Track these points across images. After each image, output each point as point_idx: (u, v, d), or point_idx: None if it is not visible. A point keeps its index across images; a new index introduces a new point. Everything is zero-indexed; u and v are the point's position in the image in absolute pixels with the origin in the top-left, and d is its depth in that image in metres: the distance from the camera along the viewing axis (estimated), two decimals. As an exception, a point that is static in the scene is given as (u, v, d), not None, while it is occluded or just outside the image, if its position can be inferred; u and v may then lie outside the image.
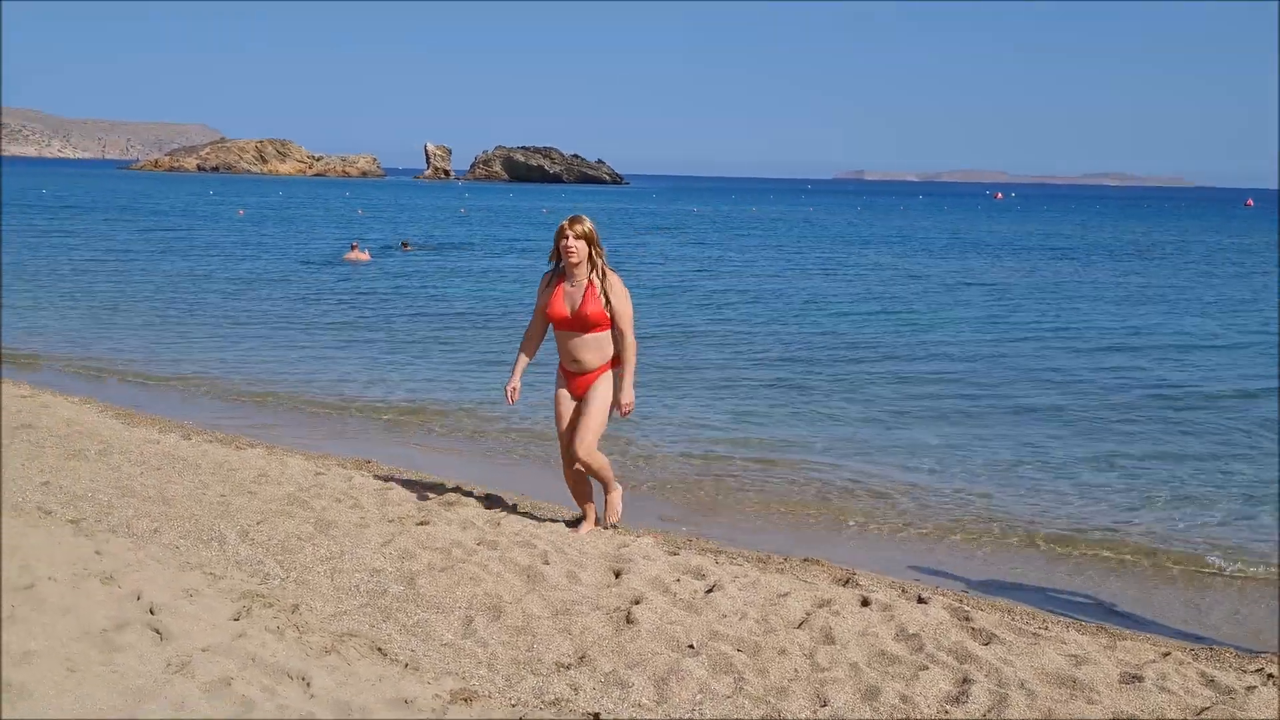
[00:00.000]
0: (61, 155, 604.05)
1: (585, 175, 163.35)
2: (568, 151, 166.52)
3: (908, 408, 11.53)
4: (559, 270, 6.30)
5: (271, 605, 4.92)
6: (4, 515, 5.90)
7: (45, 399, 9.69)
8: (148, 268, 26.21)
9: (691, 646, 4.76)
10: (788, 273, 29.18)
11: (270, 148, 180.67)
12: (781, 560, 6.38)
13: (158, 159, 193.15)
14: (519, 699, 4.22)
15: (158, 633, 4.39)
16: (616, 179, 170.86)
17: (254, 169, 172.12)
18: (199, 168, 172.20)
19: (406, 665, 4.44)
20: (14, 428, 8.27)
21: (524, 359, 6.57)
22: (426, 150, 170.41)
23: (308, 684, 4.07)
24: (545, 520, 6.82)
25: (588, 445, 6.29)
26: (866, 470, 9.00)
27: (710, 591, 5.53)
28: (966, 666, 4.68)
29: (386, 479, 7.67)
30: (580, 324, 6.18)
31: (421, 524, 6.44)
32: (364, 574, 5.47)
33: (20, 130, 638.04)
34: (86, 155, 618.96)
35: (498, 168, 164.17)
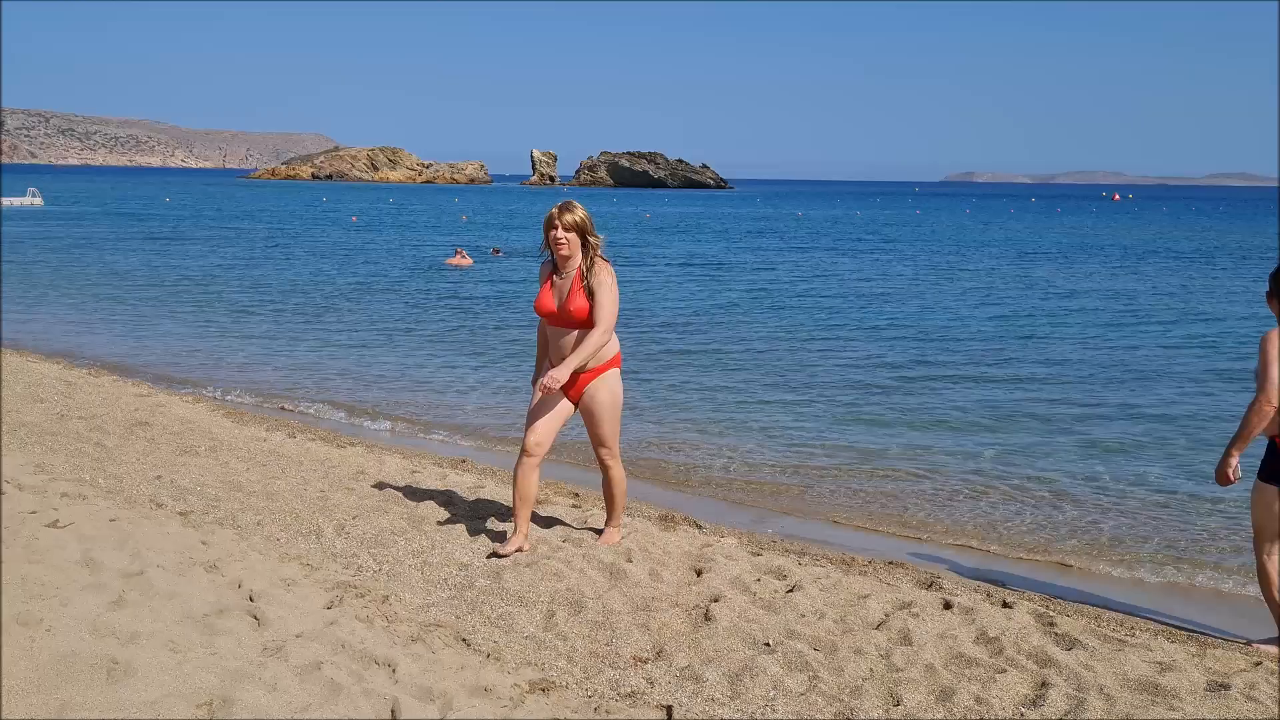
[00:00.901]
0: (185, 165, 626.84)
1: (690, 180, 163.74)
2: (672, 156, 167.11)
3: (1014, 412, 11.35)
4: (552, 261, 5.75)
5: (363, 595, 5.12)
6: (120, 508, 6.23)
7: (160, 398, 10.16)
8: (271, 273, 27.12)
9: (767, 644, 4.82)
10: (890, 276, 28.86)
11: (381, 155, 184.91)
12: (866, 563, 6.38)
13: (274, 167, 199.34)
14: (595, 691, 4.33)
15: (256, 619, 4.62)
16: (721, 183, 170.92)
17: (365, 176, 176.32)
18: (313, 175, 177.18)
19: (488, 655, 4.58)
20: (131, 425, 8.70)
21: (541, 357, 6.07)
22: (532, 156, 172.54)
23: (393, 670, 4.24)
24: (632, 519, 6.93)
25: (616, 455, 5.95)
26: (968, 477, 8.90)
27: (790, 591, 5.58)
28: (1046, 670, 4.65)
29: (480, 478, 7.87)
30: (568, 319, 5.62)
31: (510, 522, 6.60)
32: (452, 568, 5.65)
33: (146, 141, 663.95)
34: (208, 164, 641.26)
35: (603, 173, 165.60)
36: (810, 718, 4.16)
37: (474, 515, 6.68)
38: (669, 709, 4.20)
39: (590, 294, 5.55)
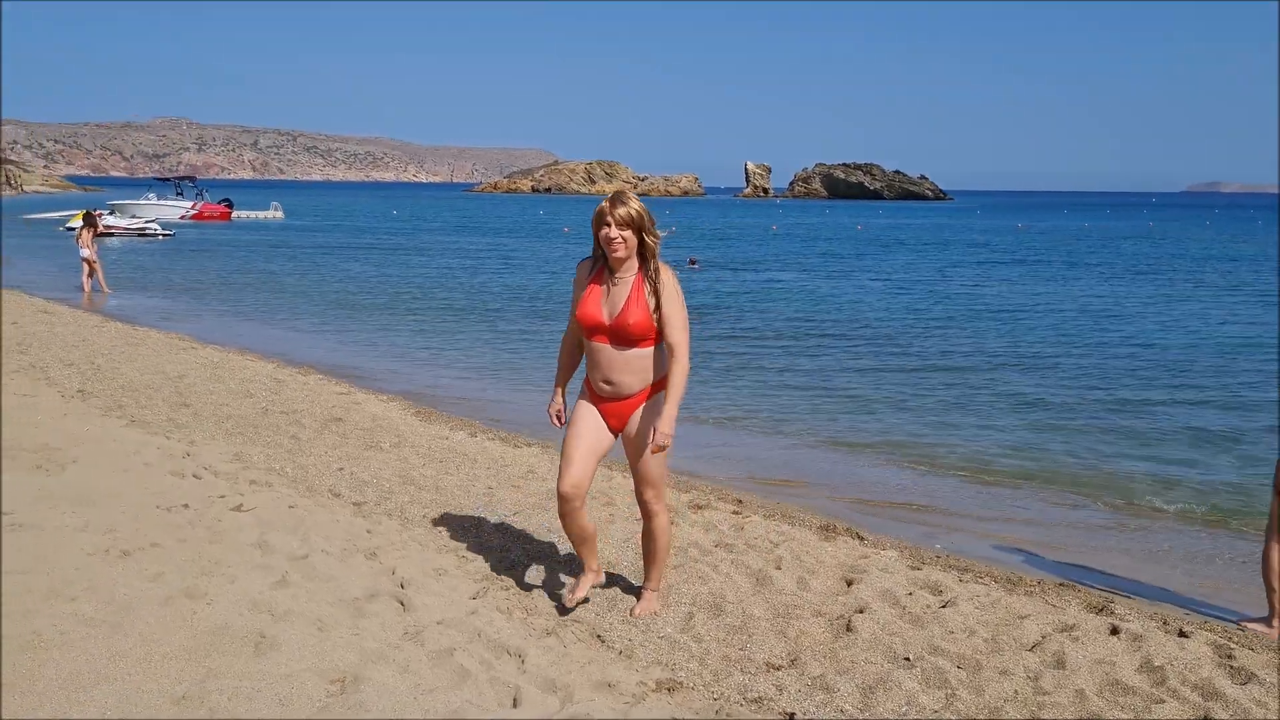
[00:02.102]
0: (415, 179, 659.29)
1: (907, 191, 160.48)
2: (889, 168, 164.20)
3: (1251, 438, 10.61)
4: (599, 261, 4.77)
5: (508, 589, 5.26)
6: (300, 496, 6.62)
7: (358, 397, 10.72)
8: (490, 280, 28.23)
9: (907, 659, 4.67)
10: (1112, 291, 27.42)
11: (599, 169, 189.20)
12: (1034, 583, 6.07)
13: (496, 181, 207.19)
14: (722, 694, 4.30)
15: (402, 604, 4.81)
16: (939, 195, 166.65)
17: (582, 190, 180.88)
18: (533, 189, 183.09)
19: (620, 652, 4.62)
20: (326, 420, 9.22)
21: (564, 373, 5.11)
22: (746, 169, 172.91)
23: (522, 660, 4.33)
24: (791, 528, 6.84)
25: (663, 497, 4.97)
26: (1178, 496, 8.40)
27: (944, 607, 5.38)
28: (1210, 704, 4.32)
29: (646, 481, 7.93)
30: (620, 336, 4.64)
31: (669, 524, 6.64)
32: (601, 564, 5.72)
33: (382, 158, 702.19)
34: (436, 179, 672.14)
35: (817, 185, 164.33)
36: (940, 736, 4.01)
37: (630, 516, 6.74)
38: (791, 715, 4.13)
39: (657, 305, 4.59)
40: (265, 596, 4.66)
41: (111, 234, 40.35)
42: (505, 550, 5.94)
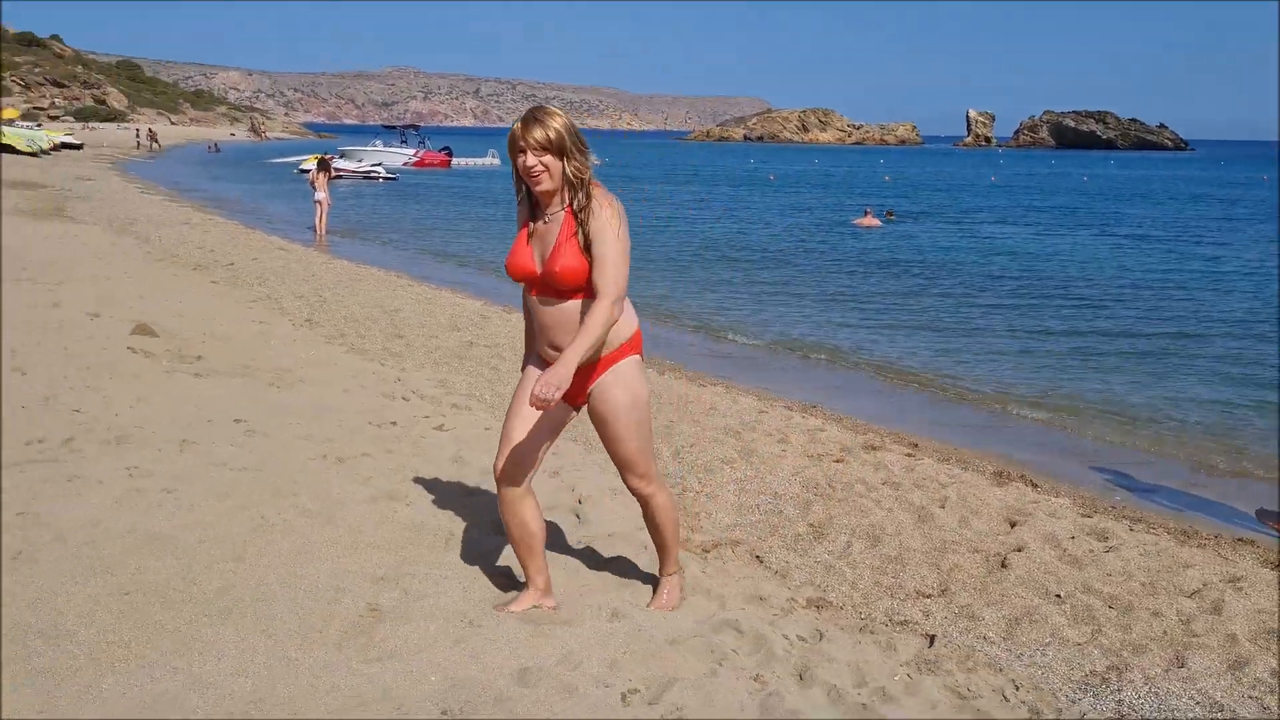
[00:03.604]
0: (630, 128, 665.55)
1: (1143, 141, 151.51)
2: (1125, 115, 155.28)
3: None
4: (528, 199, 3.88)
5: (678, 510, 5.62)
6: (494, 419, 7.17)
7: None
8: (696, 229, 28.68)
9: (1058, 596, 4.78)
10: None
11: (812, 117, 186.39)
12: (1209, 536, 6.01)
13: (709, 129, 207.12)
14: (869, 615, 4.54)
15: (577, 517, 5.26)
16: (1180, 144, 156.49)
17: (795, 138, 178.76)
18: (744, 137, 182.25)
19: (776, 572, 4.92)
20: (470, 343, 9.82)
21: (531, 344, 4.13)
22: (968, 117, 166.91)
23: (681, 570, 4.68)
24: (964, 471, 6.94)
25: (652, 477, 4.05)
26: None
27: (1106, 553, 5.42)
28: (1372, 660, 4.27)
29: (824, 423, 8.16)
30: (553, 284, 3.74)
31: (837, 461, 6.87)
32: (767, 496, 6.03)
33: (598, 105, 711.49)
34: (650, 127, 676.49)
35: (1044, 134, 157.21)
36: (1079, 665, 4.14)
37: (802, 453, 7.00)
38: (932, 637, 4.34)
39: (587, 246, 3.68)
40: (457, 502, 5.19)
41: (340, 177, 42.77)
42: (680, 477, 6.31)
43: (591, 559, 4.68)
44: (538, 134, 3.64)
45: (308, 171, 25.43)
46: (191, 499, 4.79)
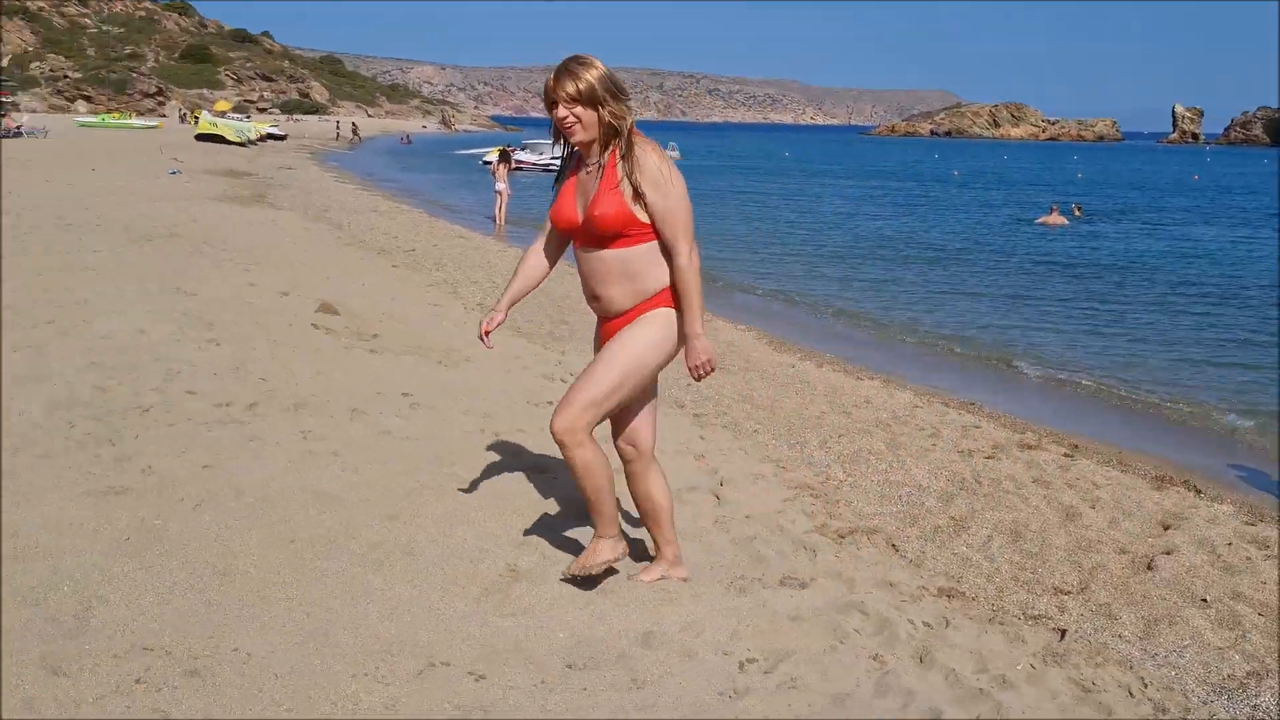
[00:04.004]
0: (813, 122, 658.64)
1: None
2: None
3: None
4: (575, 153, 3.88)
5: (817, 497, 5.71)
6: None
7: (717, 324, 11.48)
8: (872, 225, 28.39)
9: (1204, 600, 4.66)
10: None
11: (1004, 112, 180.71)
12: (1388, 552, 5.71)
13: (894, 124, 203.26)
14: (1000, 607, 4.54)
15: (717, 498, 5.41)
16: None
17: (985, 134, 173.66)
18: (931, 132, 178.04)
19: (911, 561, 4.96)
20: (685, 343, 10.02)
21: (519, 278, 4.09)
22: (1174, 112, 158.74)
23: (814, 554, 4.78)
24: (1123, 475, 6.77)
25: (569, 418, 3.80)
26: None
27: (1265, 560, 5.24)
28: None
29: (981, 420, 8.06)
30: (591, 234, 3.72)
31: (988, 458, 6.81)
32: (910, 488, 6.04)
33: (781, 99, 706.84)
34: (834, 121, 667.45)
35: (1257, 131, 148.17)
36: (1217, 669, 4.05)
37: (953, 449, 6.96)
38: (1063, 632, 4.31)
39: (635, 193, 3.64)
40: (602, 479, 5.41)
41: (521, 169, 43.88)
42: (825, 466, 6.38)
43: (725, 537, 4.82)
44: (568, 86, 3.64)
45: (491, 163, 26.24)
46: (357, 462, 5.16)
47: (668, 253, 3.71)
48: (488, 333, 4.09)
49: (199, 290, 9.51)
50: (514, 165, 29.77)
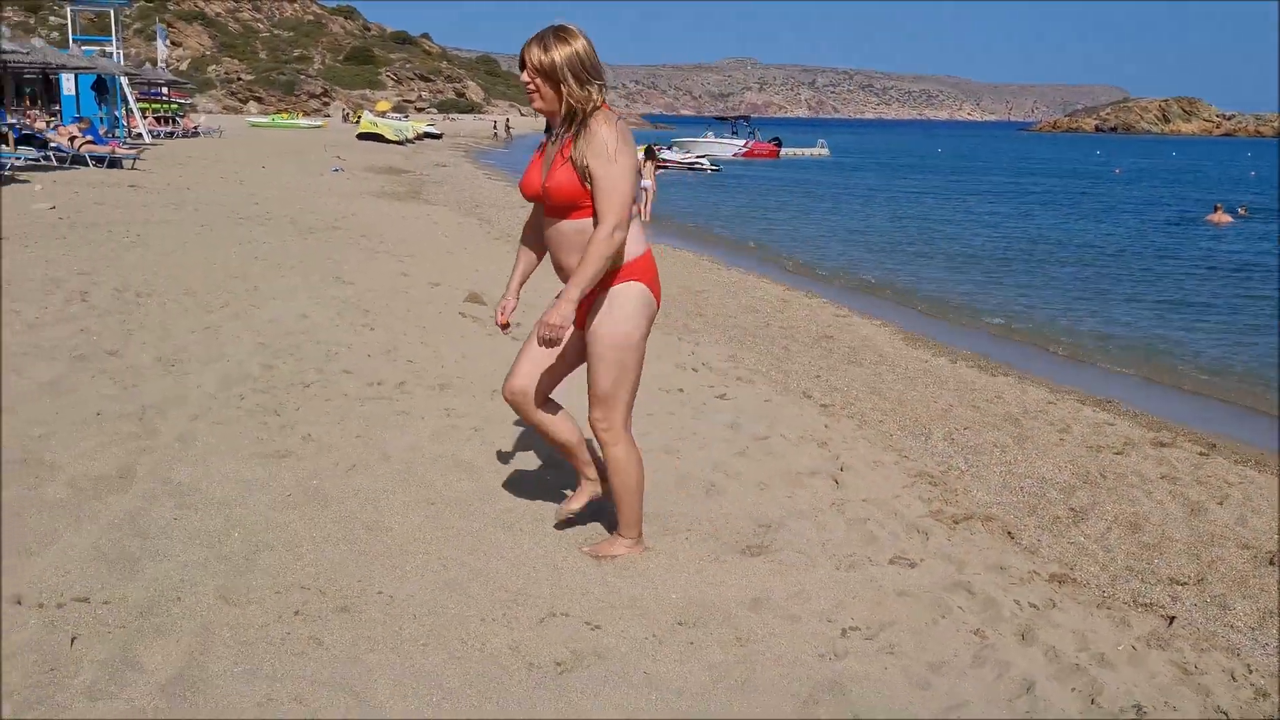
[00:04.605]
0: (970, 118, 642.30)
1: None
2: None
3: None
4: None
5: (935, 485, 5.83)
6: (776, 393, 7.59)
7: (853, 320, 11.59)
8: (1025, 225, 27.81)
9: (1328, 597, 4.64)
10: None
11: (1175, 106, 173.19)
12: None
13: (1055, 120, 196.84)
14: (1111, 595, 4.60)
15: (836, 482, 5.58)
16: None
17: (1154, 129, 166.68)
18: (1096, 128, 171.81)
19: (1025, 548, 5.05)
20: (817, 337, 10.19)
21: (520, 261, 4.25)
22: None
23: (927, 537, 4.92)
24: (1259, 474, 6.67)
25: (616, 424, 4.05)
26: None
27: (1404, 563, 5.15)
28: None
29: (1115, 418, 8.00)
30: (550, 204, 3.83)
31: (1117, 454, 6.80)
32: (1032, 480, 6.10)
33: (937, 95, 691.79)
34: (992, 117, 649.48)
35: None
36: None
37: (1081, 444, 6.96)
38: (1172, 618, 4.37)
39: (583, 170, 3.70)
40: (725, 460, 5.67)
41: (666, 167, 44.34)
42: (947, 457, 6.48)
43: (840, 518, 5.00)
44: (534, 55, 3.70)
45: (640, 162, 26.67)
46: (494, 437, 5.54)
47: (595, 222, 3.72)
48: (505, 324, 4.24)
49: (356, 280, 10.13)
50: (659, 163, 30.18)
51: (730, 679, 3.32)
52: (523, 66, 3.75)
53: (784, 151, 67.06)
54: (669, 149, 50.69)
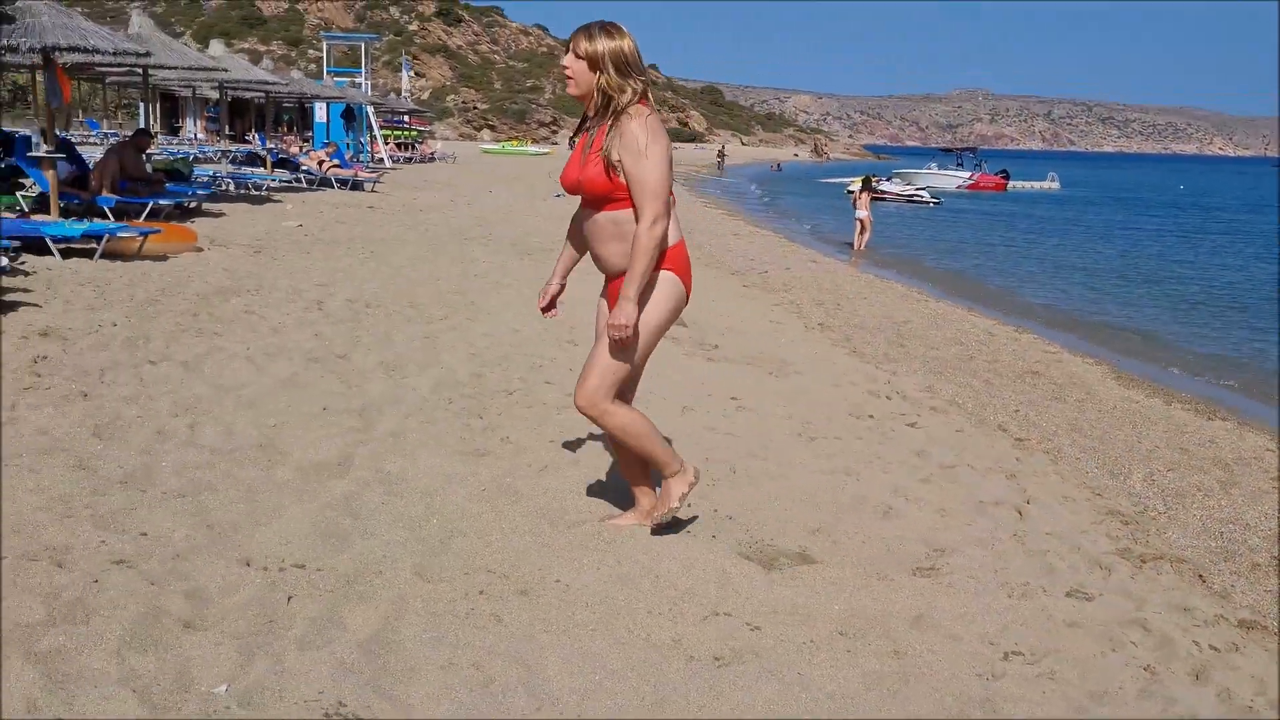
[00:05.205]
0: (1221, 153, 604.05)
1: None
2: None
3: None
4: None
5: (1127, 524, 5.69)
6: (970, 425, 7.54)
7: (1063, 356, 11.27)
8: (1259, 266, 26.21)
9: None
10: None
11: None
12: None
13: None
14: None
15: (1019, 513, 5.52)
16: None
17: None
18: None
19: (1216, 591, 4.87)
20: (1022, 372, 9.98)
21: (566, 249, 4.47)
22: None
23: (1109, 573, 4.84)
24: None
25: (588, 391, 4.07)
26: None
27: None
28: None
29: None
30: (584, 196, 4.04)
31: (1336, 504, 6.44)
32: (1236, 526, 5.85)
33: (1184, 129, 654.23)
34: (1247, 153, 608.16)
35: None
36: None
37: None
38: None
39: (611, 164, 3.87)
40: (906, 485, 5.72)
41: (884, 199, 43.76)
42: (1144, 497, 6.30)
43: (1019, 548, 4.97)
44: (582, 44, 3.88)
45: (853, 192, 26.61)
46: (679, 448, 5.63)
47: (635, 217, 3.88)
48: (545, 308, 4.48)
49: (565, 298, 10.61)
50: (877, 195, 29.92)
51: (882, 687, 3.43)
52: (565, 50, 3.97)
53: (1012, 184, 65.03)
54: (888, 180, 49.99)
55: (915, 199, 47.13)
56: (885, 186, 46.20)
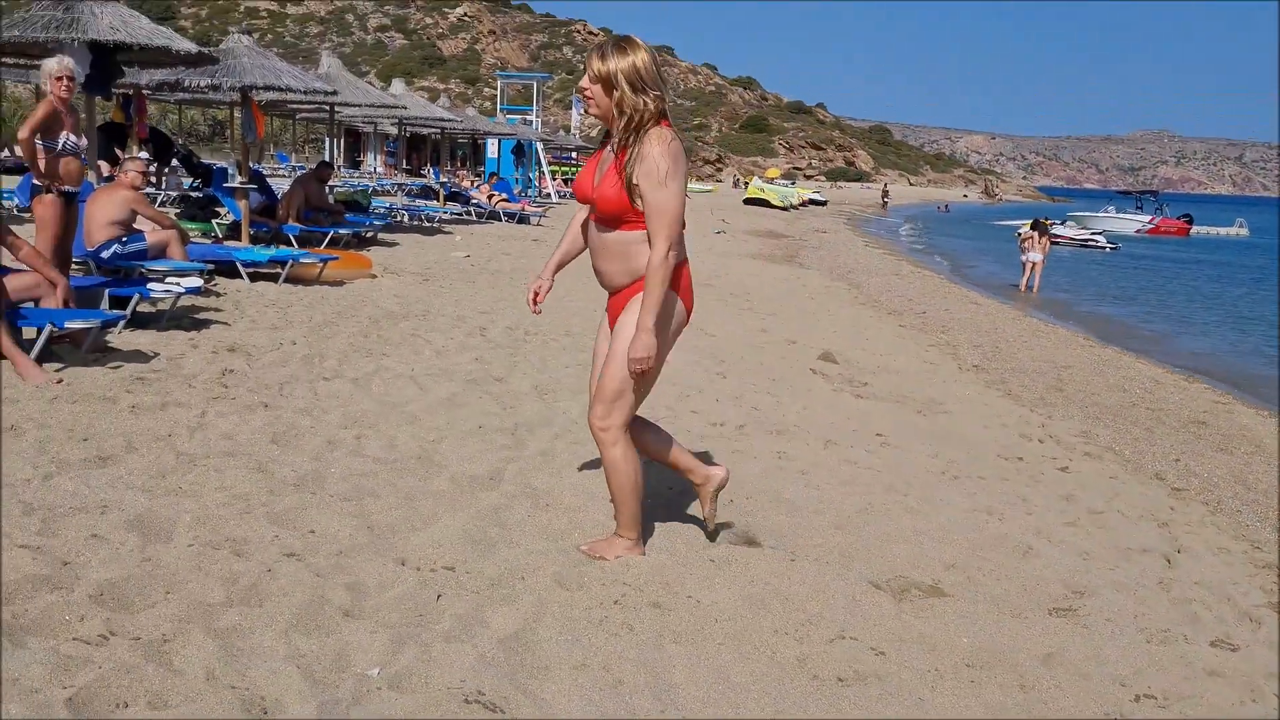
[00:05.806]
0: None
1: None
2: None
3: None
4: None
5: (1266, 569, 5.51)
6: (1124, 471, 7.37)
7: (1235, 407, 10.87)
8: None
9: None
10: None
11: None
12: None
13: None
14: None
15: (1168, 561, 5.43)
16: None
17: None
18: None
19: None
20: (1187, 420, 9.68)
21: (564, 243, 4.40)
22: None
23: (1258, 626, 4.71)
24: None
25: (612, 425, 4.09)
26: None
27: None
28: None
29: None
30: (598, 212, 4.01)
31: None
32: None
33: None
34: None
35: None
36: None
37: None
38: None
39: (629, 187, 3.84)
40: (1049, 528, 5.65)
41: (1058, 242, 42.44)
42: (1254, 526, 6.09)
43: (1165, 596, 4.88)
44: (595, 64, 3.84)
45: (1021, 234, 26.02)
46: (818, 480, 5.88)
47: (649, 242, 3.87)
48: (534, 301, 4.39)
49: (718, 332, 10.82)
50: (1051, 238, 29.13)
51: (1003, 716, 3.46)
52: (584, 73, 3.94)
53: (1195, 229, 62.27)
54: (1062, 224, 48.52)
55: (1090, 243, 45.57)
56: (1058, 230, 44.84)
